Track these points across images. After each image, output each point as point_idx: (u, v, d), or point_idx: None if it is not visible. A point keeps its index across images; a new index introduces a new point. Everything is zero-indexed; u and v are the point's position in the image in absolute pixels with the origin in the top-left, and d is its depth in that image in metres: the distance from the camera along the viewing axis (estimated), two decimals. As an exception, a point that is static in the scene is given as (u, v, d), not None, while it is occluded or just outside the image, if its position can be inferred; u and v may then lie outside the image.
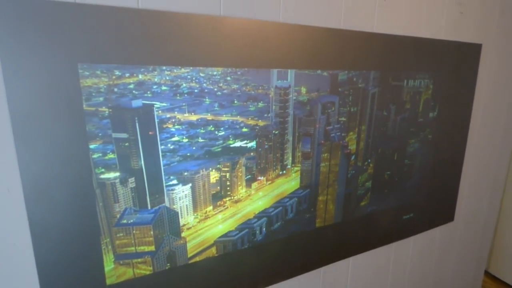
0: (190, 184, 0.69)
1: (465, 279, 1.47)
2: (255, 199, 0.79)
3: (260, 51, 0.69)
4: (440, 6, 0.97)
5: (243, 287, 0.83)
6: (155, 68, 0.60)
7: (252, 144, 0.74)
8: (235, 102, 0.70)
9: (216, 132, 0.70)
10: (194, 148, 0.68)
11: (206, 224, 0.74)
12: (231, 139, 0.72)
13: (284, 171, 0.81)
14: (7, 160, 0.53)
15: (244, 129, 0.73)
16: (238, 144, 0.73)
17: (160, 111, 0.63)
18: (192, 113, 0.66)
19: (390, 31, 0.88)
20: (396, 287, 1.19)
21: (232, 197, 0.76)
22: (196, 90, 0.65)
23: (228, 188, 0.74)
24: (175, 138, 0.65)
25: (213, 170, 0.71)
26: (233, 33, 0.66)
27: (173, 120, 0.64)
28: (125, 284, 0.67)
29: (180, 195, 0.69)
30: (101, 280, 0.65)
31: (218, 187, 0.73)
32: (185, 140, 0.67)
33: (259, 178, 0.78)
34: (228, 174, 0.73)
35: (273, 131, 0.76)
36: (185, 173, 0.68)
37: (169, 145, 0.65)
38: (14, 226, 0.56)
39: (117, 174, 0.61)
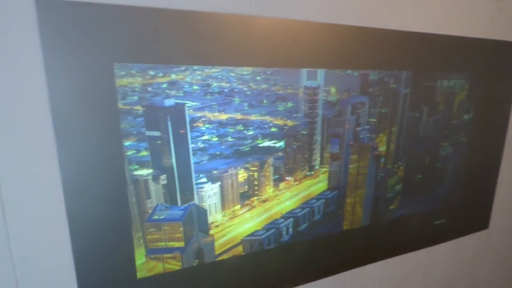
0: (219, 183, 0.70)
1: (500, 290, 1.40)
2: (282, 199, 0.79)
3: (290, 50, 0.69)
4: (477, 3, 0.93)
5: (269, 287, 0.83)
6: (187, 68, 0.62)
7: (281, 144, 0.74)
8: (264, 101, 0.70)
9: (245, 131, 0.70)
10: (223, 147, 0.69)
11: (233, 223, 0.74)
12: (259, 138, 0.72)
13: (312, 172, 0.80)
14: (48, 155, 0.56)
15: (273, 129, 0.73)
16: (266, 143, 0.73)
17: (191, 110, 0.64)
18: (222, 112, 0.67)
19: (424, 29, 0.85)
20: (425, 295, 1.15)
21: (259, 197, 0.76)
22: (226, 90, 0.66)
23: (255, 188, 0.75)
24: (205, 137, 0.66)
25: (242, 169, 0.72)
26: (264, 32, 0.66)
27: (204, 119, 0.66)
28: (154, 279, 0.69)
29: (209, 193, 0.70)
30: (132, 273, 0.67)
31: (246, 186, 0.74)
32: (215, 139, 0.68)
33: (287, 178, 0.78)
34: (256, 174, 0.74)
35: (302, 131, 0.76)
36: (214, 172, 0.69)
37: (199, 143, 0.66)
38: (53, 218, 0.59)
39: (150, 171, 0.63)
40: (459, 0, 0.90)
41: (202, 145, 0.67)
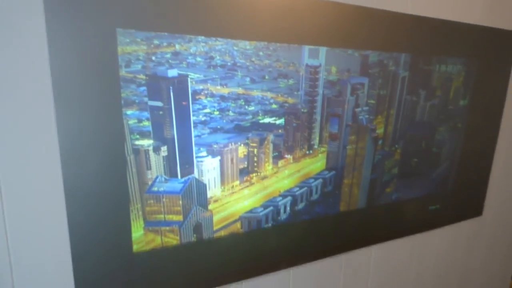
0: (219, 157, 0.70)
1: (492, 276, 1.42)
2: (281, 177, 0.79)
3: (293, 26, 0.70)
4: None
5: (266, 266, 0.83)
6: (191, 39, 0.62)
7: (281, 121, 0.75)
8: (266, 77, 0.71)
9: (246, 106, 0.70)
10: (224, 121, 0.69)
11: (232, 199, 0.75)
12: (260, 114, 0.72)
13: (311, 151, 0.81)
14: (46, 121, 0.56)
15: (274, 106, 0.73)
16: (267, 120, 0.73)
17: (193, 82, 0.64)
18: (224, 86, 0.67)
19: (424, 13, 0.86)
20: (419, 279, 1.17)
21: (258, 173, 0.76)
22: (229, 63, 0.66)
23: (255, 164, 0.75)
24: (207, 110, 0.67)
25: (242, 144, 0.72)
26: (268, 7, 0.66)
27: (206, 92, 0.66)
28: (151, 254, 0.69)
29: (209, 167, 0.70)
30: (128, 246, 0.66)
31: (246, 162, 0.74)
32: (216, 113, 0.68)
33: (286, 156, 0.78)
34: (255, 150, 0.74)
35: (302, 110, 0.77)
36: (215, 146, 0.69)
37: (200, 116, 0.66)
38: (49, 185, 0.58)
39: (151, 141, 0.63)
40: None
41: (203, 118, 0.67)
